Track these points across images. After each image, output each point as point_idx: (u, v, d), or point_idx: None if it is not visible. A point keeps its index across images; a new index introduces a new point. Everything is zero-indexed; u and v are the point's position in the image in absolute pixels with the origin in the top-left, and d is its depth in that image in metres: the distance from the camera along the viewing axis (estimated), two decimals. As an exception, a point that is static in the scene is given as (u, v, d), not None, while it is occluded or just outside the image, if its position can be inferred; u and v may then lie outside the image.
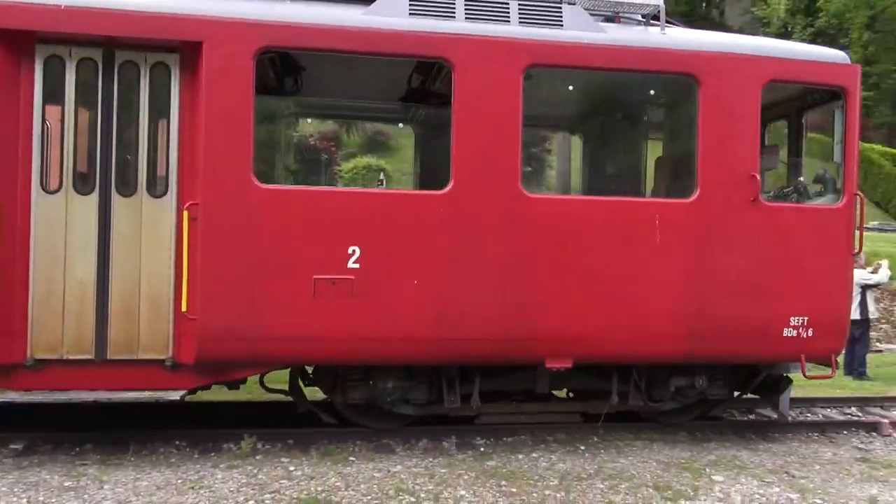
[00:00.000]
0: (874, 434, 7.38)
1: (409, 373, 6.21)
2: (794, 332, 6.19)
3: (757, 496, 5.46)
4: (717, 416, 7.39)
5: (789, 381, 6.68)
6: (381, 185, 6.16)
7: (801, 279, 6.22)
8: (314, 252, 5.67)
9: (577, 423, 6.83)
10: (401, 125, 7.44)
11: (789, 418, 7.00)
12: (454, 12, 5.90)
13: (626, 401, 6.52)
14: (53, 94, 5.68)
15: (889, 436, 7.31)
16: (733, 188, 6.08)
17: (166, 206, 5.80)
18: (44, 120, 5.65)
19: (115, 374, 5.73)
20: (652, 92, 6.79)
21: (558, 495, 5.27)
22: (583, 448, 6.43)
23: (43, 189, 5.64)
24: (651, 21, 6.40)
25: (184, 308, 5.57)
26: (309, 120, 8.01)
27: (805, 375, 6.33)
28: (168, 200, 5.80)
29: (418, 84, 6.97)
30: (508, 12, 5.97)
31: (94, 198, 5.71)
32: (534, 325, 5.88)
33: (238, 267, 5.61)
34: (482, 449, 6.32)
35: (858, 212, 6.35)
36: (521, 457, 6.12)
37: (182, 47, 5.73)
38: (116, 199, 5.73)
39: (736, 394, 7.05)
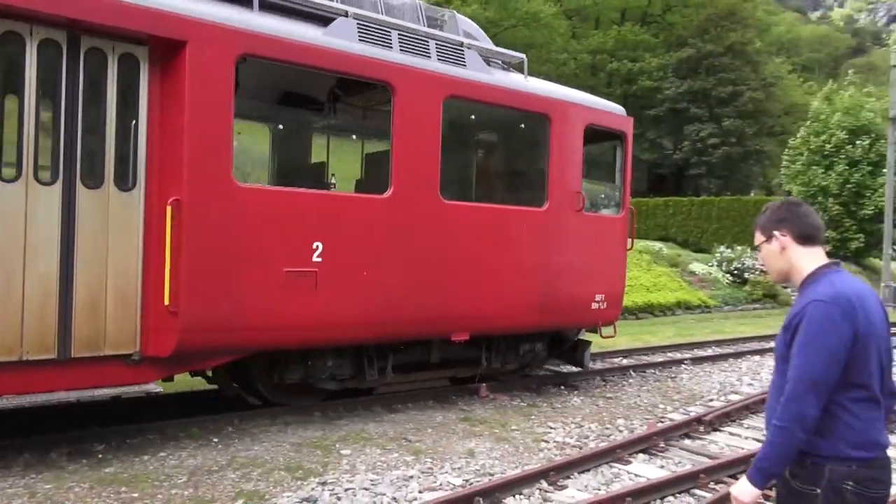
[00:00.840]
0: (475, 397, 8.33)
1: (340, 352, 7.14)
2: (598, 305, 8.74)
3: (379, 463, 6.00)
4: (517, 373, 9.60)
5: (588, 342, 9.24)
6: (334, 187, 6.85)
7: (601, 267, 8.79)
8: (285, 247, 6.32)
9: (447, 386, 8.44)
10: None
11: (589, 367, 9.51)
12: (391, 43, 7.03)
13: (490, 364, 8.36)
14: (12, 74, 5.31)
15: (486, 397, 8.35)
16: (567, 200, 8.35)
17: (134, 200, 5.84)
18: (-1, 101, 5.26)
19: (77, 373, 5.62)
20: (521, 125, 8.72)
21: (186, 493, 5.16)
22: (216, 440, 6.38)
23: (-3, 177, 5.26)
24: (511, 68, 8.31)
25: (166, 301, 5.74)
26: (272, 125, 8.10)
27: (602, 336, 8.95)
28: (136, 194, 5.85)
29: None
30: (429, 49, 7.31)
31: (57, 188, 5.49)
32: (449, 306, 7.37)
33: (218, 261, 5.98)
34: (100, 455, 5.84)
35: (631, 221, 9.17)
36: (146, 458, 5.84)
37: (152, 41, 5.81)
38: (81, 191, 5.59)
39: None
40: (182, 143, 5.79)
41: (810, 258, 2.68)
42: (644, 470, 6.15)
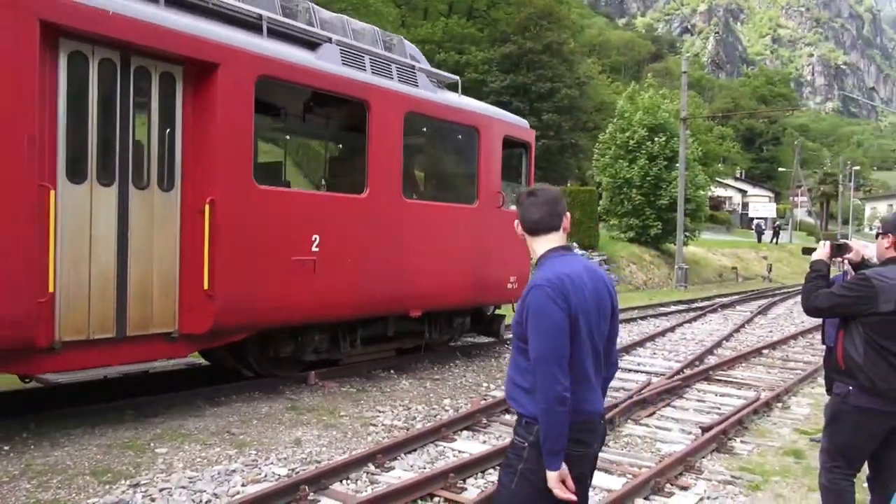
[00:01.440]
0: (304, 386, 8.37)
1: (322, 328, 8.50)
2: (511, 285, 10.71)
3: (199, 459, 5.82)
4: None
5: (503, 316, 11.17)
6: (324, 187, 7.99)
7: (513, 254, 10.74)
8: (293, 239, 7.59)
9: (393, 356, 9.98)
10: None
11: (503, 337, 11.43)
12: (365, 66, 8.44)
13: (431, 335, 10.03)
14: (78, 90, 6.16)
15: (315, 384, 8.41)
16: (491, 199, 10.23)
17: (173, 200, 6.86)
18: (69, 113, 6.11)
19: (130, 350, 6.60)
20: (459, 136, 10.37)
21: (-36, 511, 4.70)
22: (6, 448, 5.91)
23: (69, 180, 6.12)
24: (445, 87, 9.99)
25: (205, 286, 6.84)
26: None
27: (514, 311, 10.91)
28: (174, 194, 6.87)
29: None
30: (391, 71, 8.80)
31: (114, 189, 6.42)
32: (409, 287, 8.96)
33: (244, 250, 7.15)
34: None
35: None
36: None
37: (188, 62, 6.84)
38: (133, 192, 6.55)
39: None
40: (215, 151, 6.90)
41: (541, 245, 2.98)
42: (467, 446, 6.56)
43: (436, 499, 5.34)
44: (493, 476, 5.81)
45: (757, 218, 60.52)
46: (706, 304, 21.00)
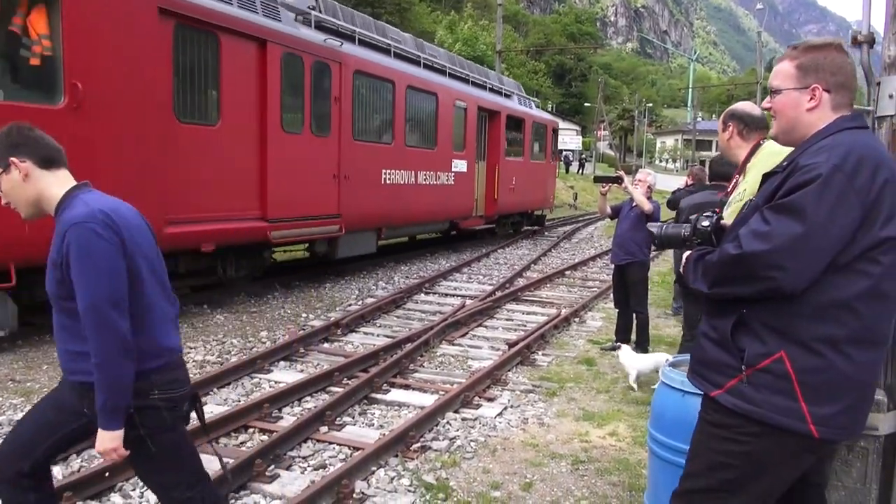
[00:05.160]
0: None
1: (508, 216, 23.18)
2: (549, 199, 25.96)
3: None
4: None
5: (545, 215, 26.31)
6: (516, 157, 22.36)
7: (549, 183, 25.90)
8: (513, 179, 22.04)
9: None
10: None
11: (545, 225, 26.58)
12: (523, 104, 23.10)
13: (523, 224, 24.86)
14: (475, 123, 20.18)
15: None
16: (548, 158, 25.38)
17: (484, 164, 21.07)
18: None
19: (475, 221, 20.67)
20: (542, 129, 25.07)
21: None
22: None
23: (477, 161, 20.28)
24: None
25: (496, 196, 21.08)
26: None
27: (551, 210, 26.16)
28: (484, 163, 21.06)
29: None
30: (526, 103, 23.49)
31: (468, 158, 20.51)
32: (528, 198, 23.89)
33: (506, 184, 21.35)
34: None
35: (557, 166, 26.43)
36: None
37: (480, 109, 20.94)
38: (479, 162, 20.68)
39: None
40: (499, 145, 21.12)
41: (59, 182, 2.90)
42: (284, 376, 7.15)
43: (250, 429, 5.81)
44: (309, 403, 6.45)
45: (565, 150, 69.58)
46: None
